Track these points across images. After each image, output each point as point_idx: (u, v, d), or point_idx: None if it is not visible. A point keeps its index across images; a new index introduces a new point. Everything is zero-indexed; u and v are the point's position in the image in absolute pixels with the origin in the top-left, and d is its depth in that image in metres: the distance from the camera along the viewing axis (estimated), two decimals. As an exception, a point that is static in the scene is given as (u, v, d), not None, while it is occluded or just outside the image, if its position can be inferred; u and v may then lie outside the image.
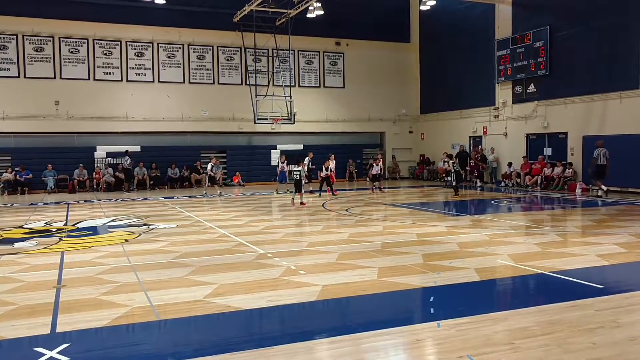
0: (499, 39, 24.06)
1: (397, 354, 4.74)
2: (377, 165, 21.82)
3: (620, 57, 18.98)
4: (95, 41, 24.73)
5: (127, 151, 24.37)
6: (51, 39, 24.04)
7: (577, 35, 20.51)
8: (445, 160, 21.88)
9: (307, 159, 21.42)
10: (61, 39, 24.20)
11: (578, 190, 19.37)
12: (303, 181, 17.76)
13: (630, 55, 18.49)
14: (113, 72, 25.08)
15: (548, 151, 22.23)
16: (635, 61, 18.35)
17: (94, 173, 24.23)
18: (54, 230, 12.43)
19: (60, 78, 24.22)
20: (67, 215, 15.33)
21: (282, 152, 26.21)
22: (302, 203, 17.07)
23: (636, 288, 6.52)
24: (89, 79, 24.66)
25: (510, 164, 23.41)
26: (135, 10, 24.98)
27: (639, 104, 18.33)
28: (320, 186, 20.35)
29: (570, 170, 20.58)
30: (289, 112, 26.39)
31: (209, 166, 21.70)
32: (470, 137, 26.50)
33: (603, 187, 17.73)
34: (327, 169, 19.88)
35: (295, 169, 17.90)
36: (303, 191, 17.70)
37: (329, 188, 20.06)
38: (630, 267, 7.80)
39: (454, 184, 19.86)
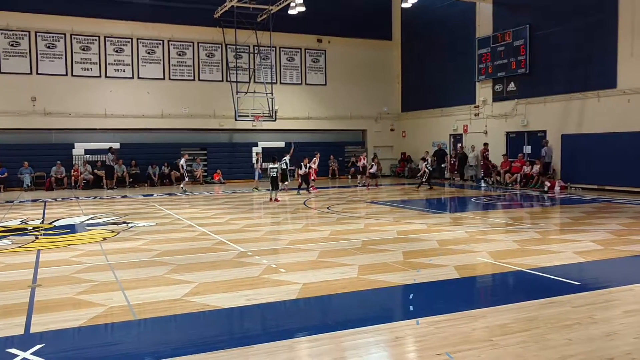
0: (480, 37, 24.23)
1: (376, 351, 4.74)
2: (376, 163, 23.13)
3: (598, 56, 19.23)
4: (72, 36, 24.33)
5: (110, 148, 24.11)
6: (27, 33, 23.57)
7: (557, 34, 20.74)
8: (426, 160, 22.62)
9: (288, 156, 21.41)
10: (37, 34, 23.76)
11: (557, 188, 19.61)
12: (279, 179, 17.79)
13: (608, 54, 18.75)
14: (91, 68, 24.71)
15: (527, 149, 22.46)
16: (612, 61, 18.62)
17: (72, 170, 23.86)
18: (30, 228, 12.22)
19: (37, 73, 23.78)
20: (43, 213, 15.09)
21: (263, 150, 26.28)
22: (275, 199, 17.29)
23: (611, 284, 6.62)
24: (66, 74, 24.26)
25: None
26: (114, 5, 24.61)
27: (616, 103, 18.61)
28: (300, 184, 20.35)
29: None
30: (270, 109, 26.32)
31: (182, 161, 21.80)
32: (451, 135, 26.68)
33: (547, 183, 19.27)
34: (305, 166, 19.90)
35: (271, 166, 17.86)
36: (280, 189, 17.78)
37: (305, 187, 20.08)
38: (605, 264, 7.92)
39: (424, 180, 21.46)
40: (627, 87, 18.24)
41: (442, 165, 25.12)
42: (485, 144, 23.94)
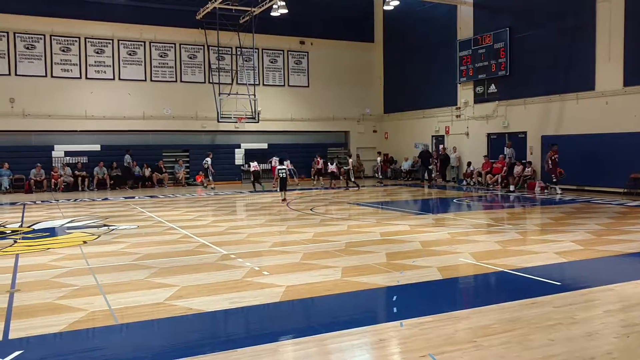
0: (461, 39, 24.43)
1: (361, 354, 4.74)
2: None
3: (577, 59, 19.50)
4: (52, 37, 24.01)
5: (128, 150, 23.98)
6: (6, 34, 23.20)
7: (536, 37, 20.99)
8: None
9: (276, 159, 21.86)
10: (16, 35, 23.40)
11: (537, 189, 19.84)
12: (288, 179, 17.91)
13: (587, 57, 19.03)
14: (71, 69, 24.40)
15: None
16: (591, 63, 18.90)
17: (52, 172, 23.50)
18: (8, 232, 12.01)
19: (16, 74, 23.43)
20: (22, 216, 14.84)
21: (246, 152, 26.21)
22: (283, 200, 17.26)
23: (592, 284, 6.69)
24: (46, 75, 23.92)
25: (469, 164, 23.83)
26: (94, 6, 24.35)
27: (594, 104, 18.89)
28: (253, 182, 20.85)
29: (530, 169, 21.05)
30: (253, 110, 26.24)
31: (210, 161, 23.15)
32: (433, 136, 26.84)
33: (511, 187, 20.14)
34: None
35: (280, 167, 17.94)
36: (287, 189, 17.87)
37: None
38: (586, 264, 8.02)
39: (352, 179, 22.87)
40: (605, 90, 18.52)
41: (429, 167, 25.13)
42: (552, 145, 19.18)
